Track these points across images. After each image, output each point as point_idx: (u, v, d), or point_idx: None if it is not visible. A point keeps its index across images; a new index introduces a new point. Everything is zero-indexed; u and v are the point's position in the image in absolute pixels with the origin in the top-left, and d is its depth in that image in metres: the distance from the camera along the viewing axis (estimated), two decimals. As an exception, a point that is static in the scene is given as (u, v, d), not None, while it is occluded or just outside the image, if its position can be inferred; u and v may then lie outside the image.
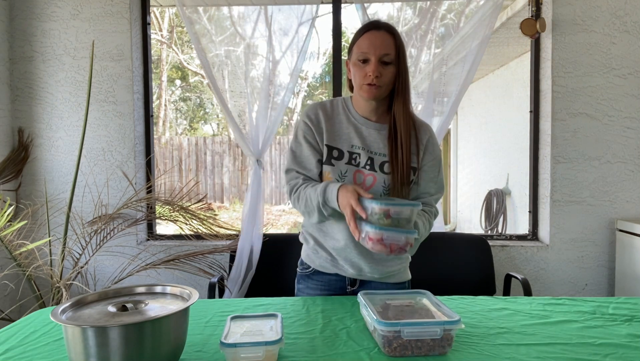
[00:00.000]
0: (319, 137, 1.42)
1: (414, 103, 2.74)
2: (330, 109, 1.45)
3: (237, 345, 0.95)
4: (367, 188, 1.39)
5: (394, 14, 2.79)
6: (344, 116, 1.43)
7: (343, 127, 1.42)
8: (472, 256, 2.33)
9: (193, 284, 2.65)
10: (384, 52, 1.32)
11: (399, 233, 1.13)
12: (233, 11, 2.80)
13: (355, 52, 1.36)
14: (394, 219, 1.14)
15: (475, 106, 6.27)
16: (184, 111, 12.97)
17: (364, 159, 1.39)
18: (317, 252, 1.48)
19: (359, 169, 1.39)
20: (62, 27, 2.68)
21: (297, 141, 1.44)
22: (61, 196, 2.72)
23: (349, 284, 1.48)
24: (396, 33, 1.36)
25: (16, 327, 1.21)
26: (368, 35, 1.34)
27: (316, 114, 1.43)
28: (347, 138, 1.41)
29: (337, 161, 1.40)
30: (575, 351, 1.04)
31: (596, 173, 2.59)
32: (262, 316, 1.15)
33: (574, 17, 2.55)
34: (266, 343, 0.96)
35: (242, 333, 1.04)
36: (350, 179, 1.39)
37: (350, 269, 1.44)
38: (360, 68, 1.34)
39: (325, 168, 1.41)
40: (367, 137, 1.41)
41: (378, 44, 1.32)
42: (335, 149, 1.40)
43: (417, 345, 1.01)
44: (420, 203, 1.20)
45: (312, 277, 1.50)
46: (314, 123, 1.42)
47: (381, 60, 1.32)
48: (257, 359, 0.95)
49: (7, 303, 2.66)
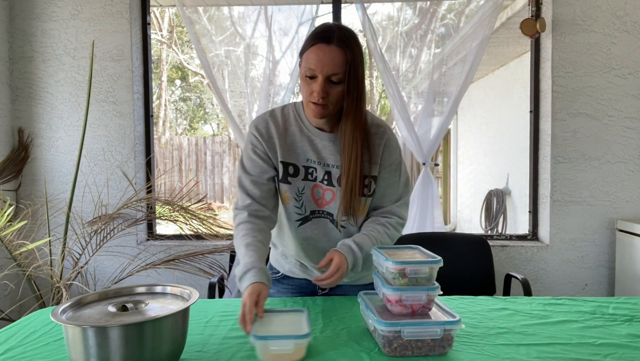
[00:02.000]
0: (271, 153, 1.31)
1: (414, 103, 2.74)
2: (282, 120, 1.33)
3: (267, 338, 0.98)
4: (327, 203, 1.33)
5: (394, 14, 2.79)
6: (297, 128, 1.33)
7: (297, 141, 1.32)
8: (472, 256, 2.33)
9: (193, 284, 2.65)
10: (331, 71, 1.20)
11: (420, 292, 1.06)
12: (233, 11, 2.80)
13: (303, 65, 1.24)
14: (412, 278, 1.07)
15: (475, 106, 6.27)
16: (184, 111, 12.97)
17: (320, 173, 1.32)
18: (285, 258, 1.45)
19: (316, 183, 1.32)
20: (62, 27, 2.68)
21: (247, 156, 1.34)
22: (61, 196, 2.72)
23: (319, 288, 1.44)
24: (349, 46, 1.21)
25: (16, 327, 1.21)
26: (316, 50, 1.21)
27: (267, 127, 1.32)
28: (301, 152, 1.32)
29: (294, 178, 1.32)
30: (576, 352, 1.03)
31: (596, 173, 2.59)
32: (288, 312, 1.17)
33: (574, 17, 2.55)
34: (296, 337, 0.98)
35: (271, 326, 1.06)
36: (308, 195, 1.33)
37: (319, 274, 1.37)
38: (307, 84, 1.23)
39: (282, 187, 1.32)
40: (322, 150, 1.31)
41: (326, 62, 1.19)
42: (290, 165, 1.31)
43: (417, 345, 1.01)
44: (441, 258, 1.10)
45: (282, 281, 1.48)
46: (264, 138, 1.31)
47: (328, 79, 1.21)
48: (287, 352, 0.98)
49: (7, 303, 2.66)
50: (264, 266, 1.19)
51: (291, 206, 1.33)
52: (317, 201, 1.33)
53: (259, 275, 1.13)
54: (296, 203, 1.33)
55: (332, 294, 1.45)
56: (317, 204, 1.34)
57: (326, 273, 1.20)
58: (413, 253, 1.18)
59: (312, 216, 1.34)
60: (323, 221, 1.35)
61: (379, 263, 1.16)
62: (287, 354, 0.98)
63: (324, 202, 1.33)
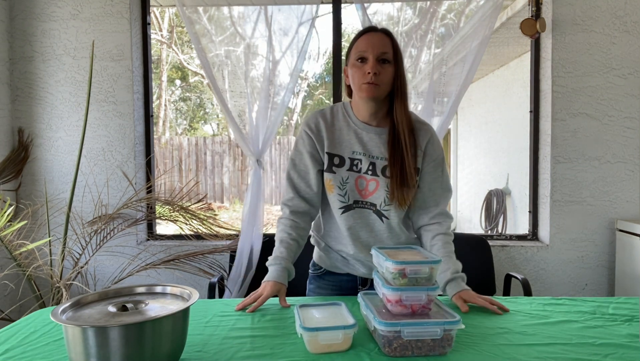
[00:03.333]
0: (319, 145, 1.43)
1: (414, 103, 2.74)
2: (331, 116, 1.45)
3: (318, 329, 1.01)
4: (370, 193, 1.40)
5: (394, 14, 2.79)
6: (344, 123, 1.43)
7: (344, 134, 1.42)
8: (472, 256, 2.33)
9: (193, 284, 2.65)
10: (382, 50, 1.33)
11: (419, 292, 1.06)
12: (233, 11, 2.80)
13: (353, 53, 1.37)
14: (411, 278, 1.07)
15: (475, 106, 6.27)
16: (184, 111, 12.97)
17: (365, 164, 1.40)
18: (328, 252, 1.52)
19: (360, 175, 1.41)
20: (62, 27, 2.68)
21: (297, 150, 1.46)
22: (61, 196, 2.72)
23: (361, 284, 1.52)
24: (393, 36, 1.37)
25: (16, 327, 1.21)
26: (365, 37, 1.36)
27: (316, 122, 1.44)
28: (348, 145, 1.41)
29: (338, 168, 1.41)
30: (576, 352, 1.04)
31: (596, 173, 2.59)
32: (327, 305, 1.20)
33: (574, 17, 2.55)
34: (344, 328, 1.02)
35: (317, 319, 1.09)
36: (352, 185, 1.41)
37: (361, 268, 1.48)
38: (359, 68, 1.34)
39: (327, 176, 1.42)
40: (368, 143, 1.41)
41: (376, 42, 1.33)
42: (336, 156, 1.41)
43: (417, 345, 1.01)
44: (441, 258, 1.15)
45: (324, 277, 1.54)
46: (314, 132, 1.43)
47: (379, 58, 1.33)
48: (336, 342, 1.01)
49: (7, 303, 2.66)
50: (289, 265, 1.39)
51: (335, 195, 1.42)
52: (361, 192, 1.42)
53: (281, 274, 1.36)
54: (340, 191, 1.42)
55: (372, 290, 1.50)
56: (361, 195, 1.42)
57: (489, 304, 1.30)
58: (413, 253, 1.18)
59: (355, 205, 1.42)
60: (366, 212, 1.42)
61: (379, 263, 1.16)
62: (335, 344, 1.02)
63: (368, 192, 1.41)
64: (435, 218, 1.44)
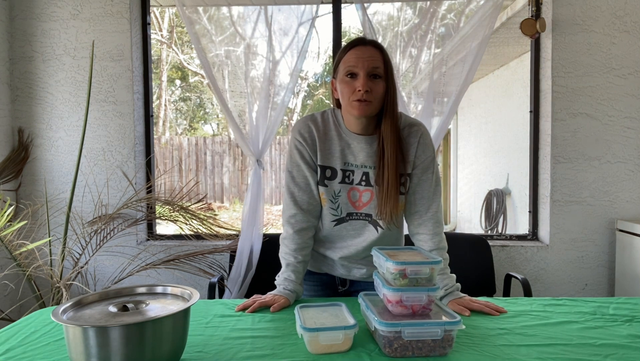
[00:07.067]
0: (314, 156, 1.38)
1: (414, 103, 2.74)
2: (322, 124, 1.39)
3: (318, 330, 1.01)
4: (365, 204, 1.38)
5: (394, 14, 2.79)
6: (336, 132, 1.38)
7: (336, 145, 1.37)
8: (472, 256, 2.33)
9: (193, 285, 2.65)
10: (372, 65, 1.26)
11: (420, 292, 1.06)
12: (233, 11, 2.80)
13: (342, 68, 1.30)
14: (412, 279, 1.07)
15: (475, 106, 6.27)
16: (184, 111, 12.96)
17: (358, 175, 1.37)
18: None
19: (353, 186, 1.37)
20: (62, 27, 2.68)
21: (293, 162, 1.40)
22: (61, 196, 2.72)
23: (339, 284, 1.52)
24: (383, 49, 1.31)
25: (16, 327, 1.21)
26: (354, 51, 1.28)
27: (309, 131, 1.38)
28: (340, 156, 1.37)
29: (330, 181, 1.37)
30: (576, 352, 1.04)
31: (596, 173, 2.59)
32: (327, 306, 1.20)
33: (574, 17, 2.55)
34: (345, 328, 1.02)
35: (317, 319, 1.09)
36: (344, 198, 1.38)
37: (341, 269, 1.48)
38: (348, 84, 1.27)
39: (320, 189, 1.39)
40: (360, 153, 1.36)
41: (366, 57, 1.26)
42: (328, 168, 1.37)
43: (417, 345, 1.01)
44: (441, 259, 1.11)
45: (306, 278, 1.52)
46: (307, 143, 1.38)
47: (370, 74, 1.26)
48: (337, 343, 1.02)
49: (7, 303, 2.66)
50: (298, 287, 1.38)
51: (327, 208, 1.39)
52: (354, 204, 1.39)
53: (290, 295, 1.35)
54: (332, 205, 1.39)
55: (352, 290, 1.51)
56: (354, 207, 1.39)
57: (485, 307, 1.29)
58: (413, 254, 1.18)
59: (349, 218, 1.40)
60: (360, 223, 1.40)
61: (380, 263, 1.16)
62: (336, 345, 1.02)
63: (361, 204, 1.38)
64: (427, 226, 1.39)
